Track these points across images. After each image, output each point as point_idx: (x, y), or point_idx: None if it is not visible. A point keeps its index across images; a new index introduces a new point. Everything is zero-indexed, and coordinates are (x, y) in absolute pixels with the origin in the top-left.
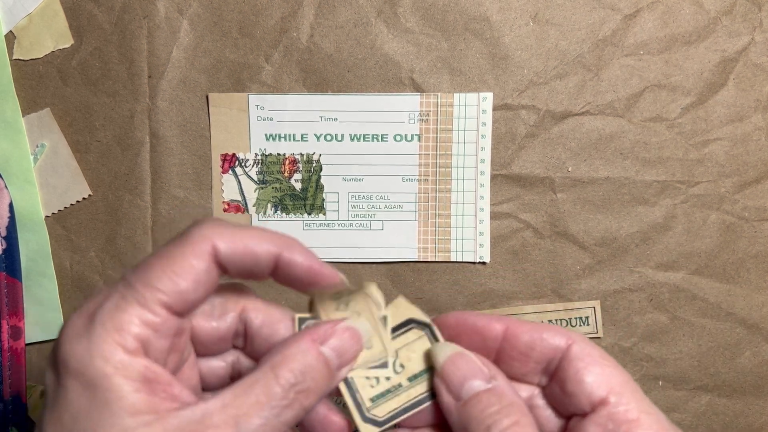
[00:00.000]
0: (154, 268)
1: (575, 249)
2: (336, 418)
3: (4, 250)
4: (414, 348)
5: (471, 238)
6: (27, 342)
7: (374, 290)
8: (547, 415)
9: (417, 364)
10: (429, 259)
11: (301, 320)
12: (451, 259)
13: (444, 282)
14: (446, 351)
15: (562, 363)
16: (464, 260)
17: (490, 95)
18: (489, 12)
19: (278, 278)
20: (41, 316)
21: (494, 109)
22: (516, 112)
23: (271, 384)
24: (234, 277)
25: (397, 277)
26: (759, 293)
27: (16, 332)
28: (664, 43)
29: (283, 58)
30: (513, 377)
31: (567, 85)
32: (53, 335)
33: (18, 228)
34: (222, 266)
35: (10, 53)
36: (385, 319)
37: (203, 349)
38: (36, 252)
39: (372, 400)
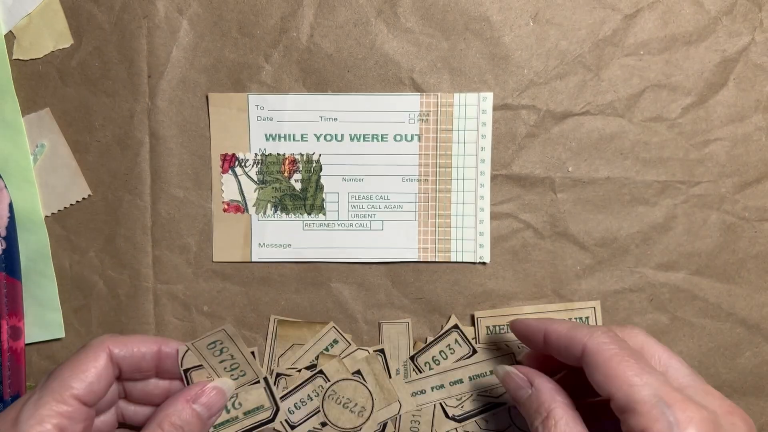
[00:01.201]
0: (64, 370)
1: (575, 249)
2: None
3: (4, 251)
4: (250, 392)
5: (471, 239)
6: (27, 342)
7: (233, 330)
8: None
9: (251, 404)
10: (429, 260)
11: (186, 371)
12: (451, 260)
13: (444, 282)
14: (500, 372)
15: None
16: (464, 260)
17: (490, 95)
18: (489, 12)
19: (163, 373)
20: (41, 316)
21: (494, 109)
22: (516, 112)
23: None
24: (128, 376)
25: (397, 277)
26: (759, 293)
27: (16, 332)
28: (665, 43)
29: (283, 58)
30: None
31: (567, 85)
32: (53, 335)
33: (17, 228)
34: (117, 365)
35: (10, 53)
36: (253, 353)
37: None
38: (35, 252)
39: (215, 427)
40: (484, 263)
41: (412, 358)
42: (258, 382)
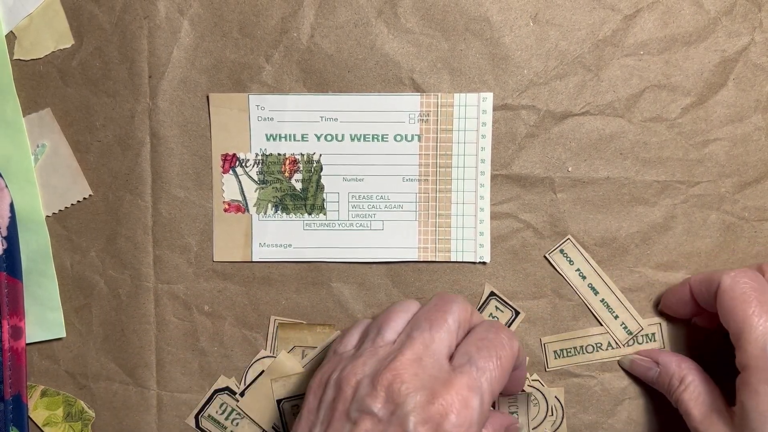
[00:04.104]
0: None
1: None
2: None
3: (5, 250)
4: None
5: (471, 238)
6: (27, 342)
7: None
8: None
9: None
10: (429, 259)
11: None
12: (451, 259)
13: (444, 282)
14: (626, 362)
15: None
16: (464, 260)
17: (490, 95)
18: (489, 12)
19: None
20: (42, 316)
21: (494, 109)
22: (516, 113)
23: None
24: None
25: (397, 277)
26: None
27: (17, 332)
28: (664, 43)
29: (284, 59)
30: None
31: (567, 86)
32: (54, 335)
33: (18, 228)
34: None
35: (11, 53)
36: None
37: None
38: (36, 252)
39: None
40: (484, 263)
41: None
42: None
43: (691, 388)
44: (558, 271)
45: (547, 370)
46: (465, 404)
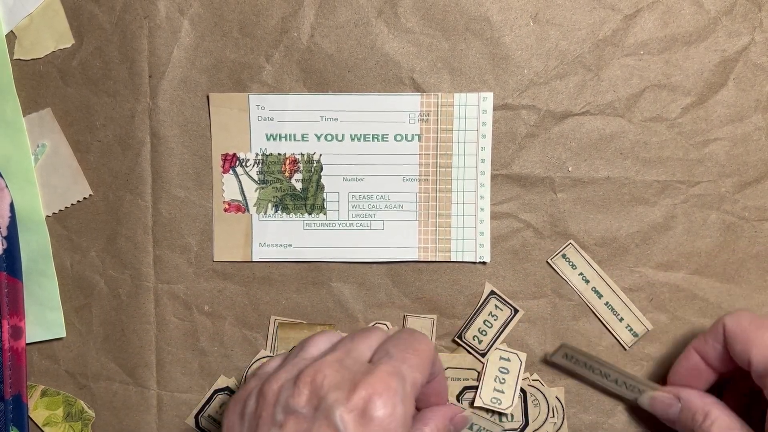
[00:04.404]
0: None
1: None
2: None
3: (5, 250)
4: None
5: (471, 238)
6: (27, 342)
7: None
8: None
9: None
10: (429, 259)
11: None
12: (452, 259)
13: (444, 282)
14: (645, 400)
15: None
16: (464, 260)
17: (490, 95)
18: (489, 12)
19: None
20: (42, 315)
21: (494, 109)
22: (516, 112)
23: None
24: None
25: (397, 277)
26: (759, 293)
27: (17, 332)
28: (665, 43)
29: (284, 58)
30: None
31: (567, 85)
32: (54, 335)
33: (18, 228)
34: None
35: (11, 53)
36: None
37: None
38: (36, 252)
39: None
40: (484, 263)
41: (459, 337)
42: None
43: (719, 422)
44: (561, 276)
45: (548, 357)
46: (387, 387)
